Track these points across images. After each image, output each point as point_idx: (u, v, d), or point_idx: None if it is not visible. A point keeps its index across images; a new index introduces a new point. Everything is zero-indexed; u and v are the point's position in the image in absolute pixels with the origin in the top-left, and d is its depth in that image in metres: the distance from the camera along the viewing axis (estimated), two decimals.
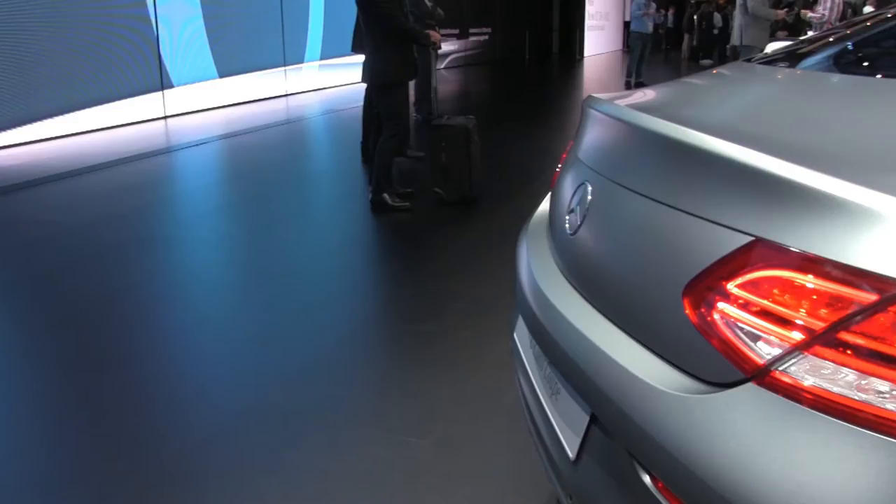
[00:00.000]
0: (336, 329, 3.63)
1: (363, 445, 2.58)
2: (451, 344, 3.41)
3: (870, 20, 2.16)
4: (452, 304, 3.88)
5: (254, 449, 2.57)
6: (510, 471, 2.44)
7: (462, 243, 4.97)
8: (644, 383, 1.19)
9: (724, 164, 1.17)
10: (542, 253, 1.78)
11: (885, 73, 1.75)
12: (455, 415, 2.78)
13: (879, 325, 0.94)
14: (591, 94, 1.80)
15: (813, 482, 0.95)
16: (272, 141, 8.97)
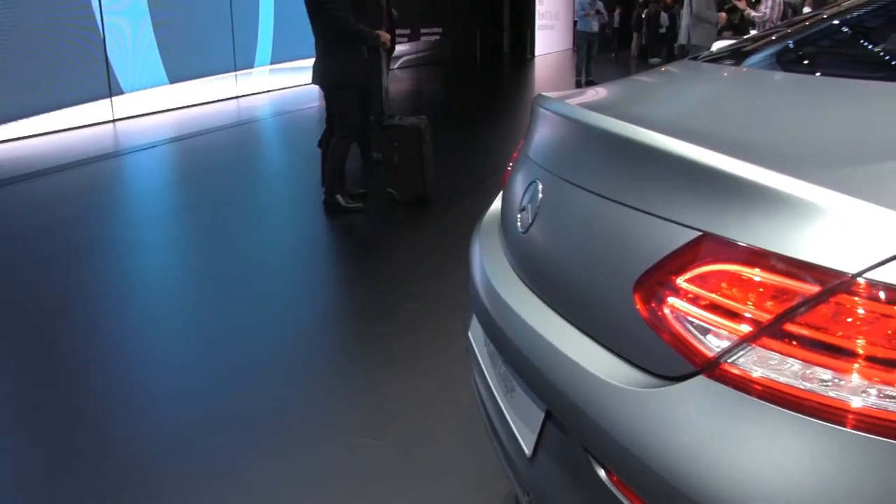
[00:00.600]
0: (290, 331, 3.61)
1: (321, 447, 2.57)
2: (407, 344, 3.41)
3: (808, 20, 2.21)
4: (407, 303, 3.88)
5: (210, 453, 2.54)
6: (468, 469, 2.45)
7: (415, 243, 4.97)
8: (597, 378, 1.20)
9: (671, 161, 1.19)
10: (494, 251, 1.79)
11: (824, 71, 1.79)
12: (412, 414, 2.78)
13: (822, 316, 0.97)
14: (540, 93, 1.81)
15: (762, 470, 0.97)
16: (224, 143, 8.87)
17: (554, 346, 1.33)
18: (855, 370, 0.94)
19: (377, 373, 3.13)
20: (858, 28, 2.05)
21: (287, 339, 3.50)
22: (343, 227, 5.38)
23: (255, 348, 3.38)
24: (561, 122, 1.59)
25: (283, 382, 3.05)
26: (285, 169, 7.88)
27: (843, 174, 1.04)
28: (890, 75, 1.62)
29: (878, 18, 2.08)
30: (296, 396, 2.93)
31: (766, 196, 1.03)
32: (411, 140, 5.61)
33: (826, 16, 2.13)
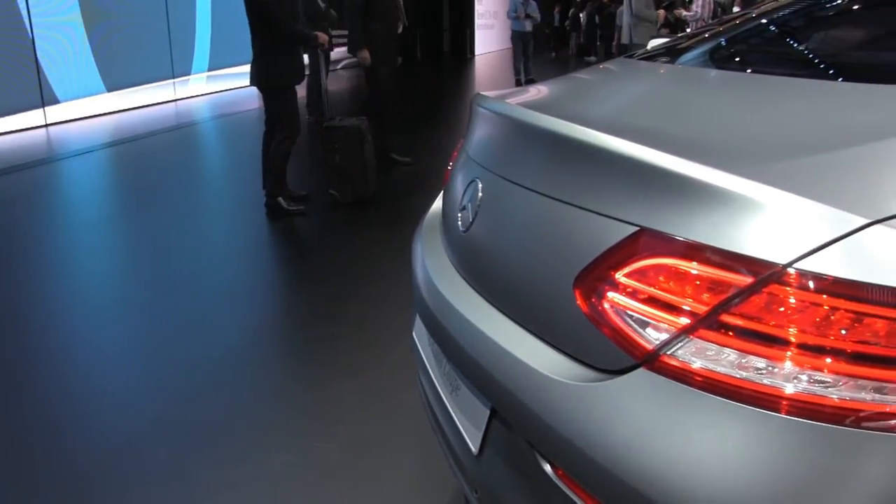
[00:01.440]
0: (233, 338, 3.55)
1: (268, 453, 2.54)
2: (353, 346, 3.39)
3: (739, 19, 2.27)
4: (351, 306, 3.86)
5: (156, 464, 2.49)
6: (417, 469, 2.45)
7: (358, 244, 4.95)
8: (540, 374, 1.21)
9: (609, 158, 1.20)
10: (436, 251, 1.79)
11: (754, 68, 1.83)
12: (360, 416, 2.77)
13: (755, 306, 0.99)
14: (479, 92, 1.82)
15: (704, 458, 0.99)
16: (162, 147, 8.71)
17: (497, 344, 1.34)
18: (787, 357, 0.97)
19: (325, 376, 3.10)
20: (786, 27, 2.11)
21: (230, 346, 3.45)
22: (285, 230, 5.33)
23: (196, 356, 3.32)
24: (499, 120, 1.60)
25: (227, 390, 3.01)
26: (224, 173, 7.78)
27: (774, 168, 1.07)
28: (814, 73, 1.67)
29: (803, 18, 2.14)
30: (241, 403, 2.89)
31: (701, 191, 1.06)
32: (353, 141, 5.58)
33: (755, 14, 2.19)
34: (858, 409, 0.93)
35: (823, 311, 0.95)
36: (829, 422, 0.94)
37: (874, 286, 0.92)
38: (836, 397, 0.94)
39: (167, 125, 10.04)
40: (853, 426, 0.93)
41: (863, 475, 0.92)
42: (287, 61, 5.30)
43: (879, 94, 1.32)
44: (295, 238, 5.25)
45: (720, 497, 0.97)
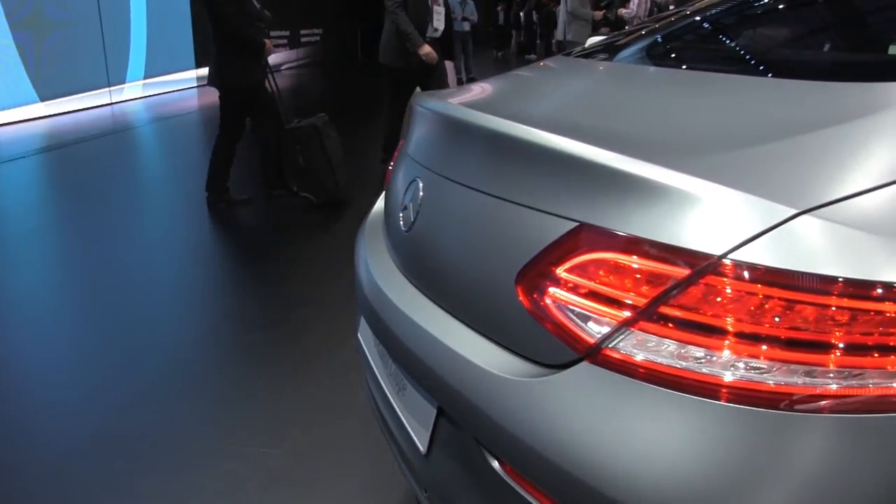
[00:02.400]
0: (179, 344, 3.49)
1: (215, 461, 2.50)
2: (301, 349, 3.36)
3: (674, 16, 2.31)
4: (300, 308, 3.83)
5: (99, 478, 2.43)
6: (367, 471, 2.44)
7: (308, 246, 4.91)
8: (485, 371, 1.22)
9: (547, 155, 1.22)
10: (379, 251, 1.79)
11: (689, 64, 1.87)
12: (308, 420, 2.75)
13: (693, 297, 1.01)
14: (418, 91, 1.82)
15: (649, 448, 1.01)
16: (100, 152, 8.51)
17: (441, 342, 1.34)
18: (725, 346, 1.00)
19: (271, 381, 3.07)
20: (718, 25, 2.16)
21: (174, 353, 3.39)
22: (232, 234, 5.27)
23: (140, 364, 3.26)
24: (438, 120, 1.61)
25: (172, 398, 2.96)
26: (162, 177, 7.63)
27: (708, 162, 1.09)
28: (745, 69, 1.72)
29: (735, 16, 2.20)
30: (187, 411, 2.85)
31: (638, 185, 1.08)
32: (312, 140, 5.50)
33: (689, 12, 2.23)
34: (791, 393, 0.96)
35: (757, 299, 0.98)
36: (766, 406, 0.97)
37: (803, 274, 0.95)
38: (771, 382, 0.97)
39: (104, 130, 9.82)
40: (787, 409, 0.96)
41: (798, 455, 0.95)
42: (244, 61, 5.30)
43: (806, 89, 1.36)
44: (243, 241, 5.18)
45: (666, 485, 0.99)
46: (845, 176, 1.02)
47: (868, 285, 0.94)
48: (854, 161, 1.05)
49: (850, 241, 0.96)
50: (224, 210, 5.40)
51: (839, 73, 1.51)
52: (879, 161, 1.04)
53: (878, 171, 1.02)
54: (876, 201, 0.99)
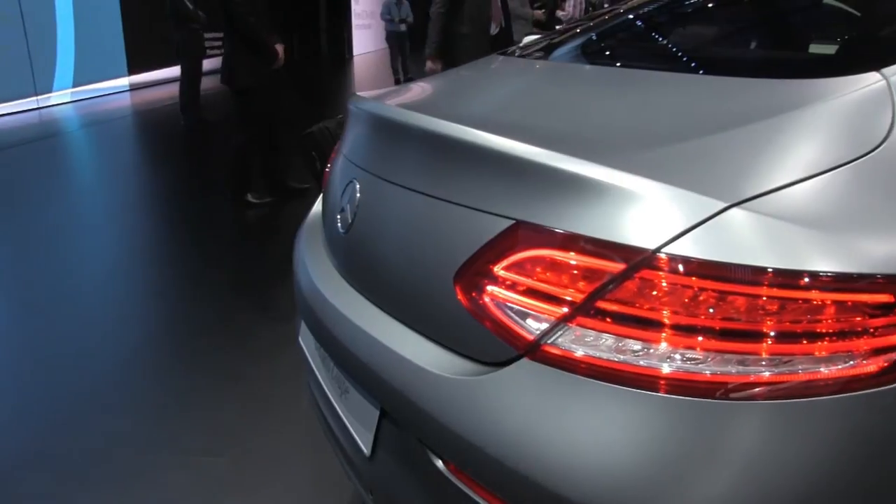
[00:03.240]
0: (117, 355, 3.40)
1: (157, 473, 2.45)
2: (242, 355, 3.32)
3: (608, 14, 2.34)
4: (241, 314, 3.77)
5: (39, 498, 2.36)
6: (312, 476, 2.42)
7: (255, 248, 4.85)
8: (426, 371, 1.22)
9: (482, 154, 1.22)
10: (317, 254, 1.77)
11: (623, 62, 1.90)
12: (253, 427, 2.71)
13: (629, 291, 1.03)
14: (353, 92, 1.81)
15: (591, 442, 1.02)
16: (27, 159, 8.26)
17: (382, 344, 1.34)
18: (661, 338, 1.01)
19: (213, 388, 3.02)
20: (652, 22, 2.20)
21: (114, 362, 3.30)
22: (175, 240, 5.16)
23: (76, 376, 3.17)
24: (374, 120, 1.60)
25: (110, 411, 2.89)
26: (102, 181, 7.45)
27: (641, 158, 1.11)
28: (677, 66, 1.75)
29: (667, 14, 2.24)
30: (125, 424, 2.78)
31: (573, 182, 1.09)
32: (326, 142, 5.47)
33: (623, 10, 2.27)
34: (726, 382, 0.98)
35: (691, 291, 1.00)
36: (703, 396, 0.99)
37: (734, 266, 0.98)
38: (707, 372, 0.99)
39: (25, 138, 9.52)
40: (723, 398, 0.98)
41: (734, 442, 0.98)
42: (255, 62, 5.30)
43: (735, 86, 1.40)
44: (188, 246, 5.09)
45: (609, 477, 1.01)
46: (772, 169, 1.05)
47: (796, 275, 0.97)
48: (780, 155, 1.08)
49: (777, 233, 0.98)
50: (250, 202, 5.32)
51: (765, 70, 1.55)
52: (804, 154, 1.07)
53: (802, 165, 1.05)
54: (801, 193, 1.02)
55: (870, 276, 0.97)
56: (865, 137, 1.08)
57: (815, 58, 1.65)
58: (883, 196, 1.04)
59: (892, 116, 1.09)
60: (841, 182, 1.04)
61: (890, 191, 1.04)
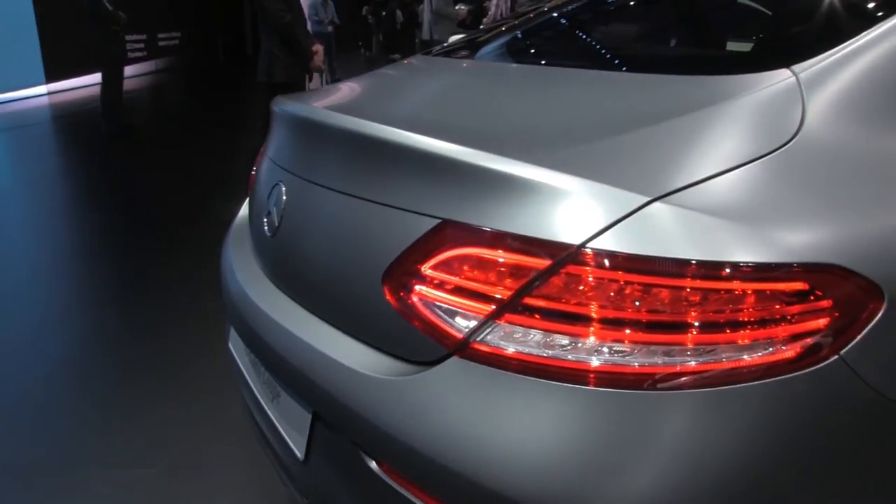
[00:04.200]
0: (37, 368, 3.29)
1: (87, 489, 2.38)
2: (170, 362, 3.25)
3: (532, 13, 2.36)
4: (169, 321, 3.69)
5: None
6: (246, 482, 2.39)
7: (175, 255, 4.75)
8: (357, 373, 1.22)
9: (407, 154, 1.22)
10: (245, 258, 1.75)
11: (547, 61, 1.92)
12: (184, 436, 2.65)
13: (555, 287, 1.04)
14: (279, 95, 1.79)
15: (523, 438, 1.03)
16: None
17: (312, 347, 1.33)
18: (589, 332, 1.03)
19: (142, 399, 2.94)
20: (575, 21, 2.23)
21: (36, 377, 3.18)
22: (98, 241, 5.02)
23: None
24: (298, 122, 1.59)
25: (34, 427, 2.78)
26: (17, 187, 7.21)
27: (565, 155, 1.13)
28: (601, 64, 1.78)
29: (590, 12, 2.28)
30: (51, 439, 2.68)
31: (498, 180, 1.09)
32: None
33: (547, 9, 2.29)
34: (653, 373, 1.00)
35: (616, 285, 1.01)
36: (631, 388, 1.01)
37: (657, 259, 1.00)
38: (635, 364, 1.01)
39: None
40: (650, 389, 1.00)
41: (663, 432, 1.00)
42: (291, 60, 5.33)
43: (655, 82, 1.43)
44: (105, 253, 4.95)
45: (543, 472, 1.02)
46: (692, 164, 1.07)
47: (717, 266, 1.00)
48: (699, 149, 1.11)
49: (698, 225, 1.01)
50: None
51: (684, 67, 1.58)
52: (722, 148, 1.10)
53: (720, 159, 1.08)
54: (720, 186, 1.05)
55: (787, 265, 1.00)
56: (778, 132, 1.11)
57: (730, 55, 1.70)
58: (796, 188, 1.07)
59: (803, 111, 1.13)
60: (757, 175, 1.07)
61: (803, 182, 1.08)
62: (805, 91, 1.15)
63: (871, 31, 1.22)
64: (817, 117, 1.13)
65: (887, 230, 1.06)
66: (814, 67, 1.18)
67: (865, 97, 1.17)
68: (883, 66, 1.19)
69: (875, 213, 1.07)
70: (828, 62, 1.19)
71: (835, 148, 1.12)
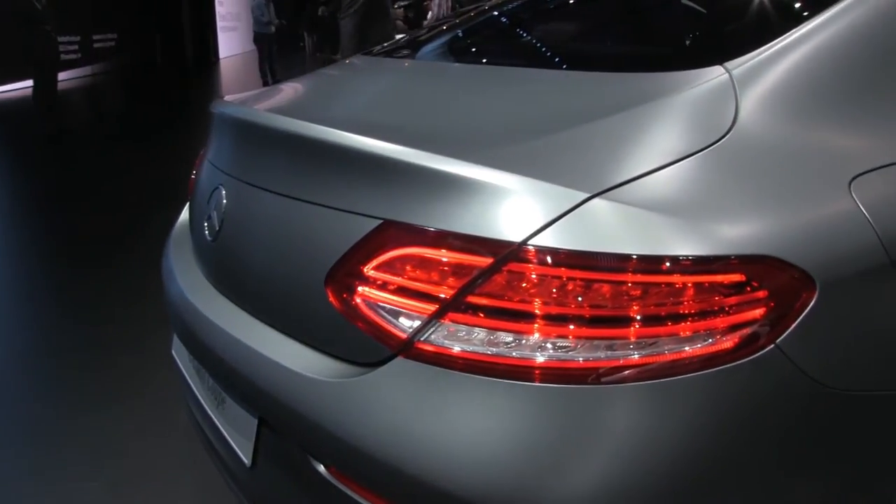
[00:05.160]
0: None
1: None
2: (113, 372, 3.18)
3: (473, 12, 2.37)
4: (110, 330, 3.61)
5: None
6: (192, 492, 2.35)
7: (114, 260, 4.65)
8: (302, 376, 1.21)
9: (346, 154, 1.22)
10: (186, 262, 1.73)
11: (487, 59, 1.93)
12: (127, 447, 2.60)
13: (498, 285, 1.05)
14: (217, 97, 1.77)
15: (470, 436, 1.04)
16: None
17: (256, 351, 1.32)
18: (533, 329, 1.04)
19: (84, 408, 2.88)
20: (515, 19, 2.24)
21: None
22: (35, 246, 4.89)
23: None
24: (237, 125, 1.57)
25: None
26: None
27: (505, 153, 1.14)
28: (541, 62, 1.79)
29: (530, 11, 2.29)
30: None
31: (438, 179, 1.10)
32: None
33: (487, 7, 2.30)
34: (597, 367, 1.02)
35: (558, 281, 1.02)
36: (576, 383, 1.02)
37: (598, 254, 1.01)
38: (580, 359, 1.02)
39: None
40: (595, 383, 1.01)
41: (609, 425, 1.01)
42: None
43: (593, 80, 1.44)
44: (49, 253, 4.83)
45: (491, 470, 1.02)
46: (630, 160, 1.09)
47: (657, 260, 1.01)
48: (637, 145, 1.13)
49: (638, 220, 1.02)
50: None
51: (620, 64, 1.60)
52: (659, 144, 1.12)
53: (658, 154, 1.10)
54: (658, 182, 1.06)
55: (724, 258, 1.02)
56: (713, 127, 1.13)
57: (667, 52, 1.72)
58: (731, 182, 1.10)
59: (736, 107, 1.16)
60: (693, 170, 1.09)
61: (737, 177, 1.10)
62: (738, 87, 1.18)
63: (799, 28, 1.25)
64: (750, 113, 1.16)
65: (818, 221, 1.09)
66: (746, 64, 1.21)
67: (796, 92, 1.21)
68: (811, 61, 1.22)
69: (806, 206, 1.10)
70: (759, 59, 1.22)
71: (767, 142, 1.15)
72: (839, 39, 1.25)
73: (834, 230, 1.09)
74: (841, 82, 1.24)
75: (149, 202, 5.88)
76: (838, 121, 1.22)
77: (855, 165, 1.16)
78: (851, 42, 1.26)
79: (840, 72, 1.24)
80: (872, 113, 1.24)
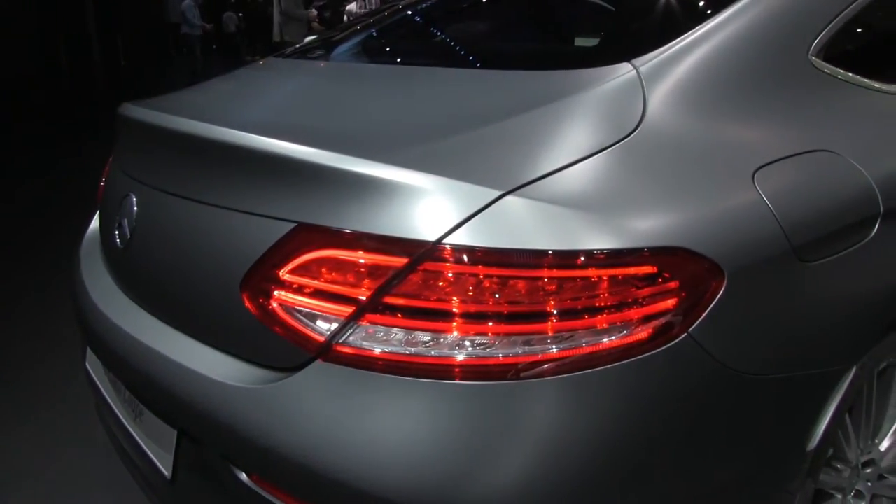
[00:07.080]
0: None
1: None
2: (24, 388, 3.06)
3: (388, 11, 2.37)
4: (19, 344, 3.48)
5: None
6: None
7: (17, 272, 4.48)
8: (220, 384, 1.19)
9: (256, 157, 1.21)
10: (97, 272, 1.68)
11: (402, 59, 1.93)
12: (42, 464, 2.51)
13: (414, 284, 1.05)
14: (124, 102, 1.71)
15: (392, 436, 1.04)
16: None
17: (172, 360, 1.29)
18: (451, 328, 1.04)
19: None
20: (429, 19, 2.25)
21: None
22: None
23: None
24: (145, 129, 1.53)
25: None
26: None
27: (417, 152, 1.14)
28: (453, 61, 1.80)
29: (443, 10, 2.30)
30: None
31: (350, 180, 1.10)
32: None
33: (402, 6, 2.30)
34: (516, 363, 1.03)
35: (473, 279, 1.03)
36: (496, 379, 1.03)
37: (513, 251, 1.02)
38: (499, 355, 1.03)
39: None
40: (514, 378, 1.03)
41: (530, 419, 1.03)
42: None
43: (504, 78, 1.46)
44: None
45: (414, 469, 1.03)
46: (541, 157, 1.11)
47: (571, 255, 1.03)
48: (548, 142, 1.14)
49: (551, 216, 1.04)
50: None
51: (530, 62, 1.62)
52: (570, 140, 1.14)
53: (569, 150, 1.12)
54: (569, 178, 1.08)
55: (636, 251, 1.05)
56: (621, 123, 1.16)
57: (576, 50, 1.76)
58: (641, 176, 1.12)
59: (644, 103, 1.19)
60: (604, 165, 1.11)
61: (647, 171, 1.13)
62: (645, 84, 1.21)
63: (703, 25, 1.29)
64: (658, 108, 1.19)
65: (725, 213, 1.13)
66: (653, 61, 1.24)
67: (700, 88, 1.24)
68: (714, 58, 1.26)
69: (713, 198, 1.14)
70: (665, 56, 1.25)
71: (675, 137, 1.18)
72: (739, 37, 1.29)
73: (740, 221, 1.13)
74: (742, 78, 1.29)
75: (57, 211, 5.68)
76: (741, 115, 1.26)
77: (757, 158, 1.20)
78: (750, 40, 1.30)
79: (740, 68, 1.29)
80: (772, 107, 1.29)
